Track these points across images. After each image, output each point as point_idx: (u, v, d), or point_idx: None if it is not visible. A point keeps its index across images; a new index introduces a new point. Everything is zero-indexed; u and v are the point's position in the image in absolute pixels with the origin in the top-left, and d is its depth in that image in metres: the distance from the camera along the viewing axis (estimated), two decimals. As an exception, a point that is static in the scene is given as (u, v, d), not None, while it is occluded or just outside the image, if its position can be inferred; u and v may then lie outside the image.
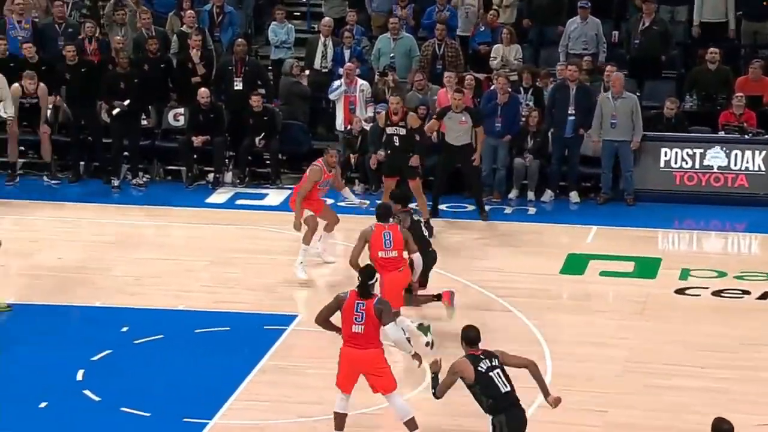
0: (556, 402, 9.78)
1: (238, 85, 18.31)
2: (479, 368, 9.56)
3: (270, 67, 19.58)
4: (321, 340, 12.62)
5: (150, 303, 14.05)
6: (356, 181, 18.28)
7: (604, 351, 12.84)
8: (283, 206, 17.18)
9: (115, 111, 17.75)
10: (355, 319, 10.49)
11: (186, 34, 18.68)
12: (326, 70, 19.13)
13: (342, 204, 16.32)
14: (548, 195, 17.90)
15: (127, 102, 17.69)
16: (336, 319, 10.75)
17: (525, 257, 15.72)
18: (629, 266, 15.35)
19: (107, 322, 13.54)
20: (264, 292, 14.35)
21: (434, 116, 17.12)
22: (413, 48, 19.10)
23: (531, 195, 17.94)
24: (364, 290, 10.54)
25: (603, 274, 15.13)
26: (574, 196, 17.87)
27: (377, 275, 10.99)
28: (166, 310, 13.89)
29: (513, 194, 17.99)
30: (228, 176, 18.35)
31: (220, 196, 17.97)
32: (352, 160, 18.14)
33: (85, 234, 16.32)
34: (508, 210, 17.68)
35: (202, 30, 18.83)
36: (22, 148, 18.26)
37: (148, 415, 11.59)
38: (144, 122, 18.36)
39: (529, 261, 15.53)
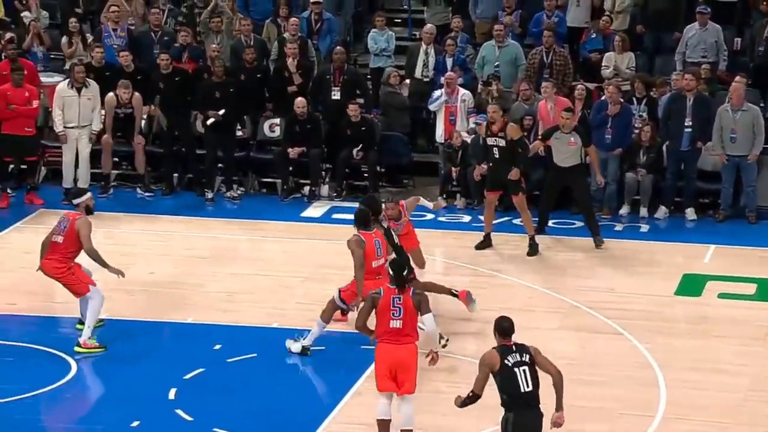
0: (558, 421, 9.63)
1: (336, 95, 18.24)
2: (506, 360, 9.57)
3: (369, 76, 19.48)
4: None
5: (243, 320, 14.01)
6: (458, 195, 18.07)
7: (723, 378, 12.49)
8: (382, 221, 17.03)
9: (210, 121, 17.78)
10: (393, 314, 10.66)
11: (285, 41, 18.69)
12: (427, 79, 18.98)
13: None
14: (662, 211, 17.51)
15: (222, 112, 17.71)
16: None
17: (637, 277, 15.39)
18: (750, 288, 14.97)
19: (200, 340, 13.54)
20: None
21: (540, 136, 16.78)
22: (519, 56, 18.86)
23: (644, 211, 17.57)
24: (400, 283, 10.67)
25: (722, 296, 14.77)
26: (690, 212, 17.45)
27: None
28: (260, 327, 13.85)
29: (624, 210, 17.63)
30: (324, 189, 18.29)
31: (316, 210, 17.92)
32: (453, 174, 17.94)
33: (178, 248, 16.34)
34: (618, 227, 17.33)
35: (302, 38, 18.78)
36: (116, 159, 18.38)
37: (241, 437, 11.54)
38: (239, 133, 18.37)
39: (641, 281, 15.21)
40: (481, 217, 16.70)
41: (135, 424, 11.70)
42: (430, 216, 17.60)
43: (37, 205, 17.08)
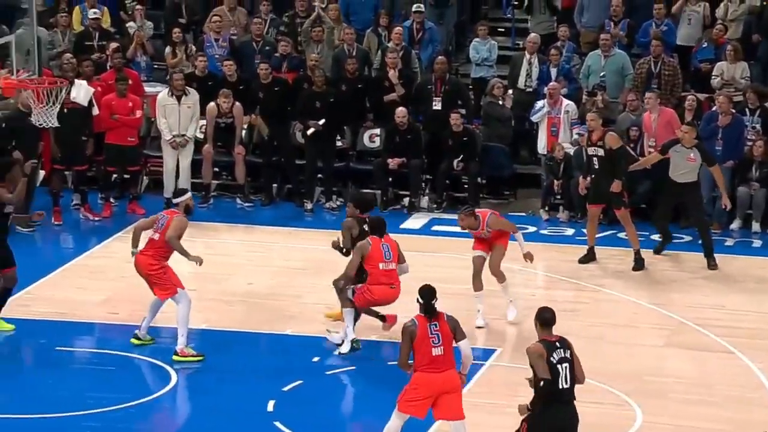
0: None
1: (437, 105, 18.27)
2: (551, 358, 9.59)
3: (470, 86, 19.45)
4: (519, 375, 12.35)
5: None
6: (560, 207, 17.97)
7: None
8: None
9: (310, 131, 17.92)
10: (433, 342, 10.56)
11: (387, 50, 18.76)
12: (530, 89, 18.92)
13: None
14: (776, 226, 17.21)
15: (321, 122, 17.84)
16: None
17: (748, 294, 15.19)
18: None
19: (298, 351, 13.63)
20: (462, 323, 14.11)
21: (658, 148, 16.57)
22: (626, 65, 18.72)
23: (756, 226, 17.31)
24: (431, 310, 10.60)
25: (840, 315, 14.47)
26: (805, 227, 17.14)
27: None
28: (360, 339, 13.83)
29: (735, 225, 17.39)
30: (424, 201, 18.31)
31: (415, 222, 17.93)
32: (556, 186, 17.84)
33: (277, 259, 16.46)
34: (729, 242, 17.09)
35: (404, 47, 18.84)
36: (216, 169, 18.57)
37: (340, 450, 11.59)
38: (339, 143, 18.47)
39: (752, 298, 15.00)
40: (585, 231, 16.59)
41: (234, 436, 11.86)
42: (532, 228, 17.55)
43: (139, 214, 17.32)
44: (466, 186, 18.32)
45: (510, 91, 18.83)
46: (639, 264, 15.89)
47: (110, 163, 17.71)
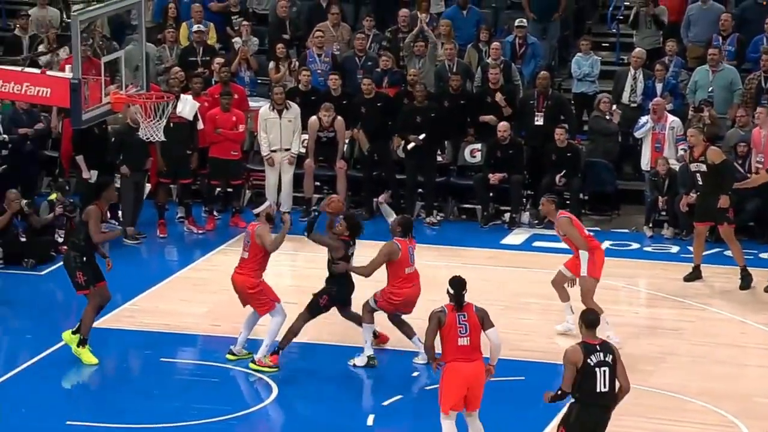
0: None
1: (539, 120, 18.38)
2: (589, 360, 9.97)
3: (572, 101, 19.54)
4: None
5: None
6: (665, 224, 17.98)
7: None
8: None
9: (410, 146, 18.15)
10: (460, 332, 11.07)
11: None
12: (635, 104, 18.95)
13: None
14: None
15: (422, 137, 18.07)
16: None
17: None
18: None
19: (398, 366, 13.79)
20: (561, 339, 14.28)
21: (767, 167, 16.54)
22: (735, 81, 18.68)
23: None
24: (460, 300, 11.16)
25: None
26: None
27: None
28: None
29: None
30: (525, 216, 18.40)
31: (516, 237, 17.99)
32: (660, 203, 17.86)
33: (377, 273, 16.61)
34: None
35: (505, 62, 19.00)
36: (318, 183, 18.85)
37: (438, 465, 11.72)
38: (439, 158, 18.66)
39: None
40: (691, 248, 16.57)
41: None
42: (635, 245, 17.56)
43: (241, 227, 17.66)
44: (568, 201, 18.34)
45: (614, 107, 18.85)
46: (746, 282, 15.86)
47: (214, 177, 18.10)
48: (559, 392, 10.24)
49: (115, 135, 17.29)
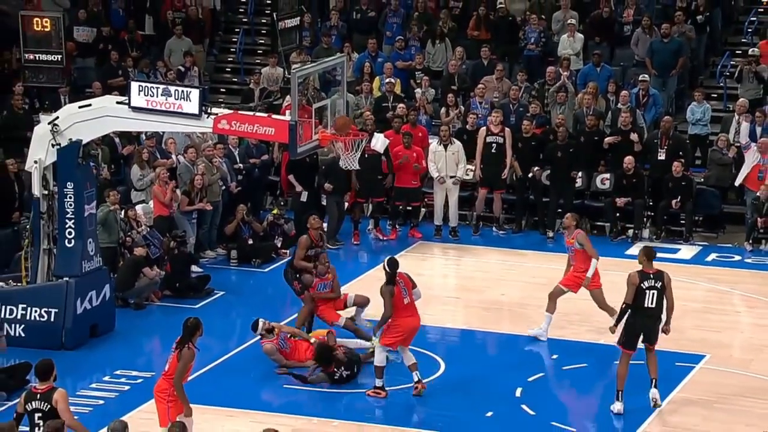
0: (665, 329, 11.73)
1: (662, 156, 18.00)
2: (642, 284, 11.47)
3: (688, 140, 19.05)
4: (727, 378, 12.05)
5: (576, 336, 14.01)
6: (763, 240, 17.35)
7: None
8: (695, 260, 16.62)
9: (541, 175, 17.93)
10: (403, 295, 12.05)
11: (619, 111, 18.62)
12: (738, 145, 18.35)
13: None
14: None
15: (536, 168, 17.80)
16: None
17: None
18: None
19: (540, 350, 13.67)
20: (677, 333, 13.85)
21: None
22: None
23: None
24: (394, 274, 12.04)
25: None
26: None
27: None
28: (590, 343, 13.78)
29: None
30: (645, 232, 18.01)
31: (637, 249, 17.52)
32: (759, 223, 17.23)
33: (525, 276, 16.51)
34: None
35: (631, 108, 18.65)
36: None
37: (573, 430, 11.55)
38: (577, 184, 18.39)
39: None
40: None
41: (489, 414, 11.98)
42: (737, 257, 17.02)
43: (417, 238, 17.75)
44: (682, 222, 17.91)
45: (731, 143, 18.25)
46: None
47: (397, 200, 18.07)
48: (624, 306, 11.57)
49: (324, 164, 17.54)
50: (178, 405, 10.19)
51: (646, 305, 11.50)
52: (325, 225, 16.03)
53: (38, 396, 9.12)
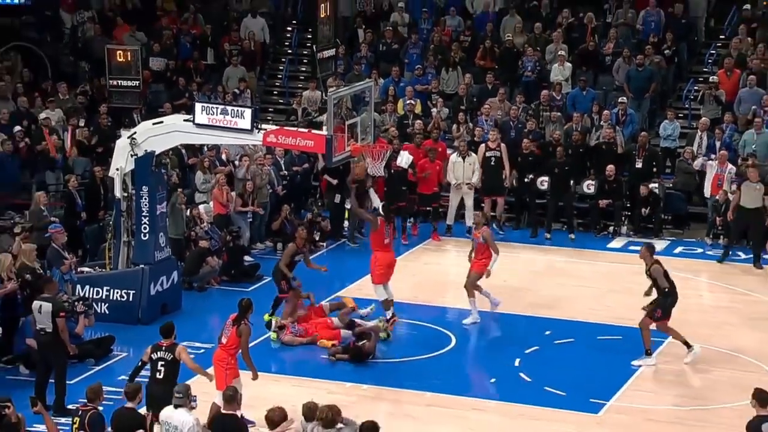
0: None
1: (639, 164, 17.85)
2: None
3: (660, 152, 18.85)
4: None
5: (566, 315, 13.92)
6: (720, 236, 17.17)
7: None
8: (665, 252, 16.44)
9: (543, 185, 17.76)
10: (387, 233, 12.54)
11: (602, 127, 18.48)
12: (700, 155, 18.18)
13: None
14: None
15: (545, 180, 17.60)
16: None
17: None
18: None
19: (536, 327, 13.57)
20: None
21: None
22: (775, 141, 17.70)
23: None
24: (389, 216, 12.69)
25: None
26: None
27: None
28: (578, 321, 13.70)
29: None
30: (624, 229, 17.85)
31: (617, 243, 17.47)
32: (717, 221, 17.04)
33: (521, 264, 16.32)
34: None
35: (613, 126, 18.52)
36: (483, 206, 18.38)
37: (564, 394, 11.48)
38: (590, 190, 18.04)
39: None
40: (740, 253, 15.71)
41: (492, 380, 11.93)
42: (699, 249, 16.86)
43: (436, 241, 17.42)
44: (653, 220, 17.72)
45: (696, 154, 18.02)
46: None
47: (422, 205, 17.69)
48: (666, 289, 12.03)
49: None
50: (233, 372, 10.25)
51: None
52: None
53: (163, 348, 9.89)
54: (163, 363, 9.79)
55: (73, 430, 8.72)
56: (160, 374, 9.77)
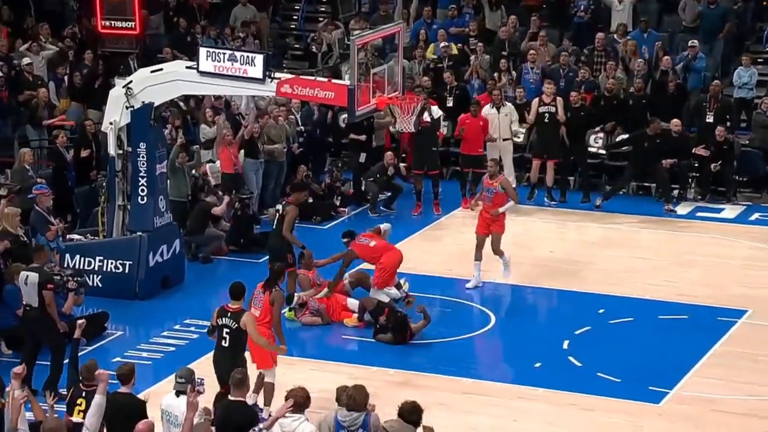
0: None
1: (710, 118, 17.66)
2: None
3: (734, 104, 18.63)
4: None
5: (623, 291, 13.90)
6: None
7: None
8: (739, 219, 16.36)
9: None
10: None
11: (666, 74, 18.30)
12: (781, 107, 17.98)
13: None
14: None
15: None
16: None
17: None
18: None
19: (588, 305, 13.56)
20: (719, 288, 13.70)
21: None
22: None
23: None
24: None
25: None
26: None
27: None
28: (636, 298, 13.68)
29: None
30: (690, 193, 17.69)
31: (683, 209, 17.34)
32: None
33: (573, 234, 16.35)
34: None
35: (675, 71, 18.31)
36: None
37: (618, 380, 11.49)
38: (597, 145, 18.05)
39: None
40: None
41: (537, 365, 11.95)
42: None
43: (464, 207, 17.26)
44: (725, 180, 17.55)
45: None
46: None
47: (465, 166, 17.43)
48: None
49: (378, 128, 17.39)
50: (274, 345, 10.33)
51: None
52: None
53: (229, 314, 9.96)
54: (228, 331, 9.88)
55: (77, 412, 8.71)
56: (225, 342, 9.88)
